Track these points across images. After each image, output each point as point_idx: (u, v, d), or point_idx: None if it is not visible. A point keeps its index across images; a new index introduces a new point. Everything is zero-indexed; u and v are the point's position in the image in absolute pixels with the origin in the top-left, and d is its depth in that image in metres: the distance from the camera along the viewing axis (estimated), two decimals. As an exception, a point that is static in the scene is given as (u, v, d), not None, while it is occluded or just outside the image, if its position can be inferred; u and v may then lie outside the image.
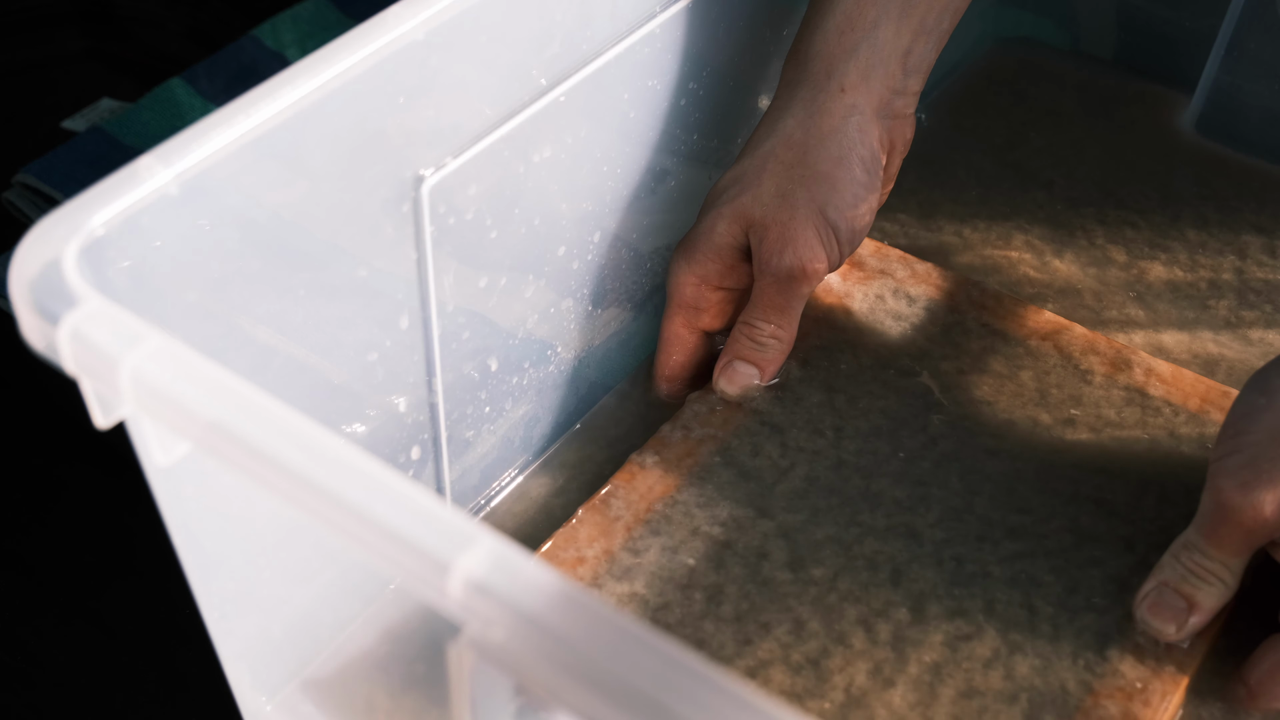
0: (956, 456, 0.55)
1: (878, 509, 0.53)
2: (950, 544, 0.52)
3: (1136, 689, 0.47)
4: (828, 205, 0.55)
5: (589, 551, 0.51)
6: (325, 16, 0.85)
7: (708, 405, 0.57)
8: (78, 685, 0.56)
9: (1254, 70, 0.72)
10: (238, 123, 0.39)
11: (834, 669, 0.48)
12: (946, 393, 0.58)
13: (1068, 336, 0.60)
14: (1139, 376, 0.58)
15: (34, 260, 0.36)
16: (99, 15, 0.90)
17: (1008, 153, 0.75)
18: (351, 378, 0.48)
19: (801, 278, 0.56)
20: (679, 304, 0.58)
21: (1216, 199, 0.71)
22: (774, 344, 0.57)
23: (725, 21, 0.58)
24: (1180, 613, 0.48)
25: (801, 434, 0.56)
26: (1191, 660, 0.48)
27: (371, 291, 0.47)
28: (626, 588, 0.50)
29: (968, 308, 0.61)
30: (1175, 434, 0.56)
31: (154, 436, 0.37)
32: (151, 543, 0.45)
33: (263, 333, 0.44)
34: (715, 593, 0.50)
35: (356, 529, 0.32)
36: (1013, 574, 0.51)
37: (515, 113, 0.49)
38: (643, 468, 0.55)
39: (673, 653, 0.29)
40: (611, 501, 0.53)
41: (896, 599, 0.50)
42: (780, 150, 0.56)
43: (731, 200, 0.56)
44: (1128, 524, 0.53)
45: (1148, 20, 0.78)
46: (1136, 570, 0.51)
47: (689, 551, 0.52)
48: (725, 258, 0.57)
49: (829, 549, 0.52)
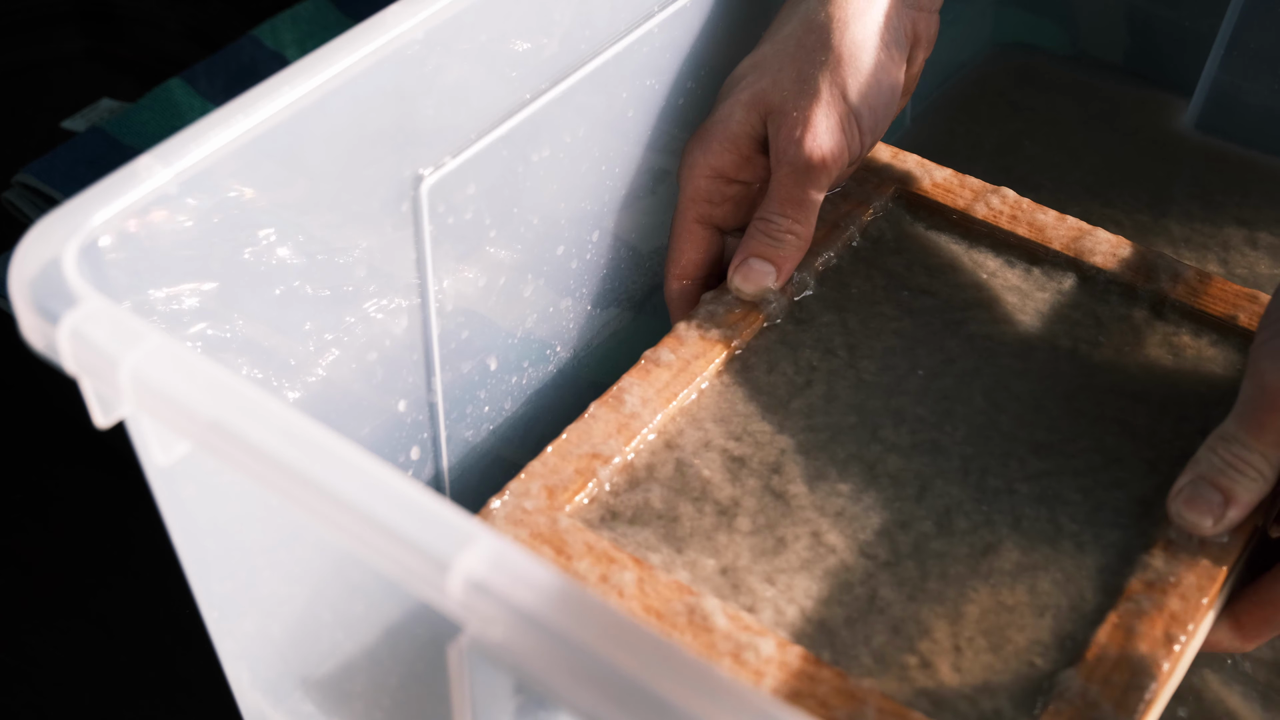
0: (979, 374, 0.53)
1: (901, 425, 0.51)
2: (977, 459, 0.50)
3: (1170, 583, 0.46)
4: (850, 91, 0.53)
5: (604, 448, 0.49)
6: (325, 16, 0.85)
7: (724, 305, 0.54)
8: (77, 685, 0.56)
9: (1254, 69, 0.72)
10: (237, 122, 0.39)
11: (855, 581, 0.46)
12: (965, 310, 0.56)
13: (1090, 242, 0.57)
14: (1164, 284, 0.56)
15: (34, 260, 0.36)
16: (99, 15, 0.90)
17: (999, 158, 0.75)
18: (351, 378, 0.48)
19: (821, 168, 0.53)
20: (692, 197, 0.55)
21: (1205, 197, 0.71)
22: (791, 239, 0.54)
23: (724, 21, 0.58)
24: (1217, 506, 0.46)
25: (814, 353, 0.54)
26: (1228, 555, 0.47)
27: (371, 291, 0.47)
28: (641, 498, 0.49)
29: (985, 214, 0.59)
30: (1200, 353, 0.55)
31: (154, 436, 0.37)
32: (151, 543, 0.45)
33: (262, 333, 0.44)
34: (730, 506, 0.49)
35: (356, 528, 0.32)
36: (1039, 492, 0.49)
37: (514, 112, 0.49)
38: (657, 364, 0.52)
39: (673, 651, 0.29)
40: (625, 398, 0.51)
41: (921, 513, 0.48)
42: (802, 34, 0.53)
43: (750, 86, 0.54)
44: (1151, 448, 0.51)
45: (1147, 20, 0.78)
46: (1162, 492, 0.49)
47: (704, 463, 0.50)
48: (742, 148, 0.54)
49: (850, 466, 0.50)
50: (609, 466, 0.49)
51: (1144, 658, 0.44)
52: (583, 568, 0.45)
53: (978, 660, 0.44)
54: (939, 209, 0.60)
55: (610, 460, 0.49)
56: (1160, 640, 0.44)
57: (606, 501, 0.48)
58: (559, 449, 0.49)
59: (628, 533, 0.47)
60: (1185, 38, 0.76)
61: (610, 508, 0.48)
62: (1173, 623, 0.45)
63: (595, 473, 0.48)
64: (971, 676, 0.44)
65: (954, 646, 0.45)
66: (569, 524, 0.46)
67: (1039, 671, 0.44)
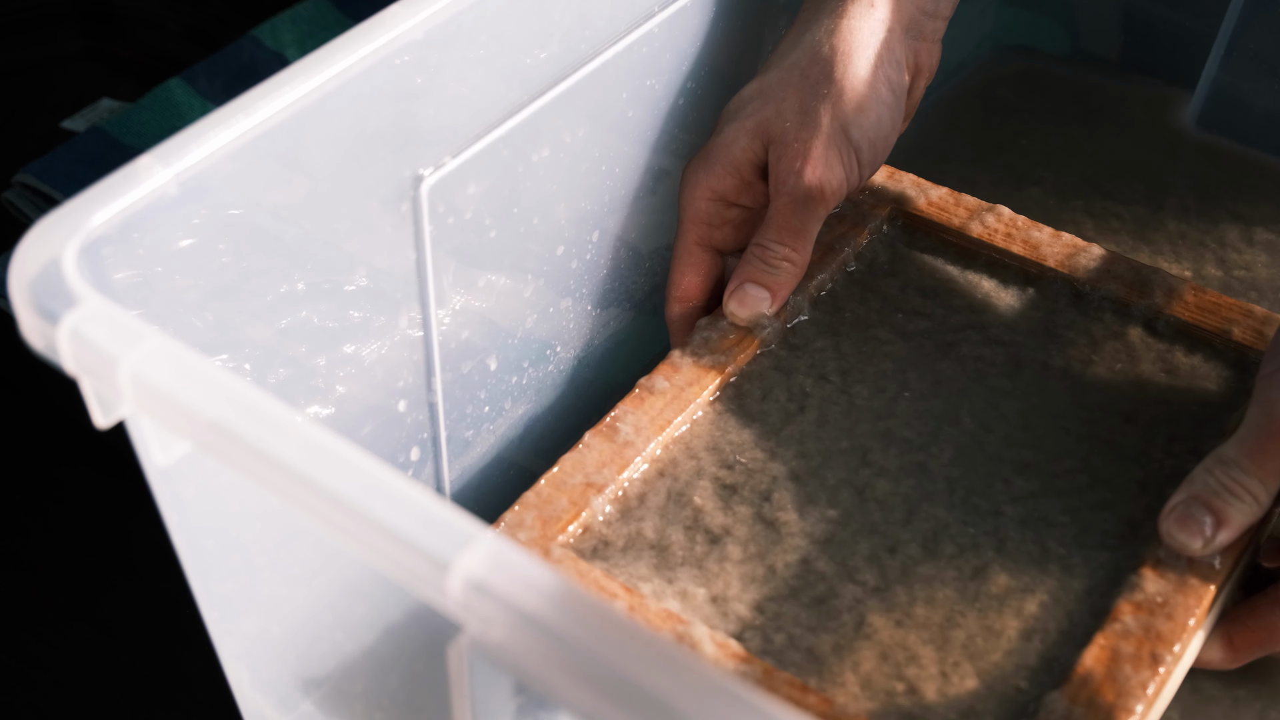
0: (967, 395, 0.54)
1: (889, 449, 0.52)
2: (963, 480, 0.51)
3: (1158, 603, 0.46)
4: (851, 125, 0.54)
5: (597, 478, 0.50)
6: (325, 16, 0.85)
7: (718, 331, 0.55)
8: (78, 686, 0.56)
9: (1254, 70, 0.72)
10: (237, 122, 0.39)
11: (843, 607, 0.47)
12: (958, 331, 0.56)
13: (1085, 259, 0.58)
14: (1159, 299, 0.56)
15: (34, 260, 0.36)
16: (99, 15, 0.90)
17: (999, 157, 0.74)
18: (351, 378, 0.48)
19: (819, 199, 0.54)
20: (693, 219, 0.56)
21: (1203, 194, 0.71)
22: (786, 267, 0.55)
23: (724, 21, 0.58)
24: (1208, 527, 0.46)
25: (807, 379, 0.54)
26: (1217, 576, 0.47)
27: (371, 291, 0.47)
28: (634, 527, 0.49)
29: (980, 232, 0.59)
30: (1194, 371, 0.55)
31: (154, 436, 0.37)
32: (152, 544, 0.45)
33: (262, 333, 0.44)
34: (721, 534, 0.49)
35: (356, 528, 0.32)
36: (1025, 513, 0.50)
37: (514, 112, 0.49)
38: (651, 392, 0.53)
39: (673, 651, 0.29)
40: (619, 426, 0.51)
41: (907, 536, 0.49)
42: (806, 64, 0.54)
43: (754, 114, 0.54)
44: (1140, 467, 0.51)
45: (1147, 20, 0.78)
46: (1151, 513, 0.49)
47: (696, 492, 0.50)
48: (743, 173, 0.55)
49: (840, 491, 0.50)
50: (602, 496, 0.50)
51: (1130, 679, 0.44)
52: None
53: (963, 685, 0.45)
54: (934, 228, 0.60)
55: (604, 489, 0.50)
56: (1146, 661, 0.44)
57: (600, 531, 0.49)
58: (552, 480, 0.50)
59: (620, 562, 0.48)
60: (1185, 38, 0.76)
61: (603, 537, 0.49)
62: (1159, 643, 0.45)
63: (589, 502, 0.49)
64: (957, 702, 0.44)
65: (940, 672, 0.45)
66: (561, 554, 0.47)
67: (1025, 695, 0.44)
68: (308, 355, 0.46)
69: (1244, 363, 0.55)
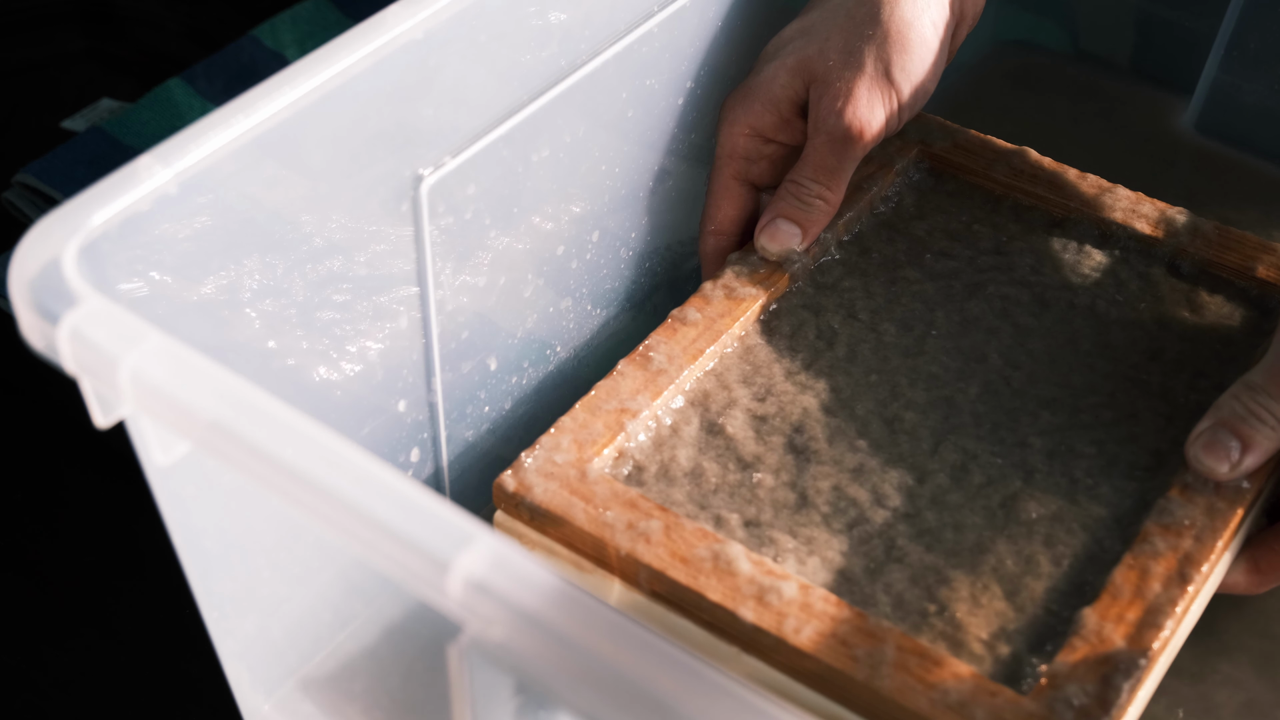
0: (995, 333, 0.54)
1: (917, 384, 0.52)
2: (990, 416, 0.51)
3: (1185, 525, 0.46)
4: (895, 67, 0.54)
5: (631, 404, 0.50)
6: (325, 16, 0.85)
7: (749, 266, 0.55)
8: (83, 690, 0.56)
9: (1254, 70, 0.72)
10: (237, 122, 0.39)
11: (874, 532, 0.47)
12: (984, 272, 0.56)
13: (1111, 200, 0.58)
14: (1183, 239, 0.56)
15: (34, 260, 0.36)
16: (99, 15, 0.90)
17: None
18: (351, 378, 0.48)
19: (858, 139, 0.54)
20: (730, 154, 0.56)
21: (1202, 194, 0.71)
22: (820, 205, 0.55)
23: (724, 21, 0.58)
24: (1234, 452, 0.47)
25: (836, 317, 0.55)
26: (1244, 499, 0.47)
27: (371, 291, 0.47)
28: (667, 454, 0.50)
29: (1006, 174, 0.59)
30: (1218, 310, 0.55)
31: (154, 436, 0.37)
32: (157, 547, 0.45)
33: (262, 333, 0.44)
34: (754, 462, 0.50)
35: (356, 528, 0.32)
36: (1052, 446, 0.50)
37: (514, 112, 0.49)
38: (683, 323, 0.53)
39: (673, 651, 0.29)
40: (652, 355, 0.52)
41: (936, 466, 0.49)
42: (853, 5, 0.54)
43: (796, 52, 0.55)
44: (1165, 403, 0.52)
45: (1147, 20, 0.78)
46: (1176, 445, 0.50)
47: (729, 421, 0.51)
48: (782, 110, 0.55)
49: (870, 423, 0.51)
50: (636, 420, 0.50)
51: (1158, 596, 0.44)
52: (610, 516, 0.46)
53: (994, 606, 0.45)
54: (962, 169, 0.60)
55: (638, 415, 0.50)
56: (1176, 580, 0.45)
57: (634, 457, 0.50)
58: (587, 404, 0.50)
59: (654, 487, 0.49)
60: (1185, 38, 0.76)
61: (637, 463, 0.50)
62: (1187, 563, 0.45)
63: (623, 427, 0.49)
64: (988, 621, 0.45)
65: (971, 594, 0.46)
66: (598, 476, 0.47)
67: (1055, 616, 0.45)
68: (307, 355, 0.46)
69: (1266, 300, 0.55)
